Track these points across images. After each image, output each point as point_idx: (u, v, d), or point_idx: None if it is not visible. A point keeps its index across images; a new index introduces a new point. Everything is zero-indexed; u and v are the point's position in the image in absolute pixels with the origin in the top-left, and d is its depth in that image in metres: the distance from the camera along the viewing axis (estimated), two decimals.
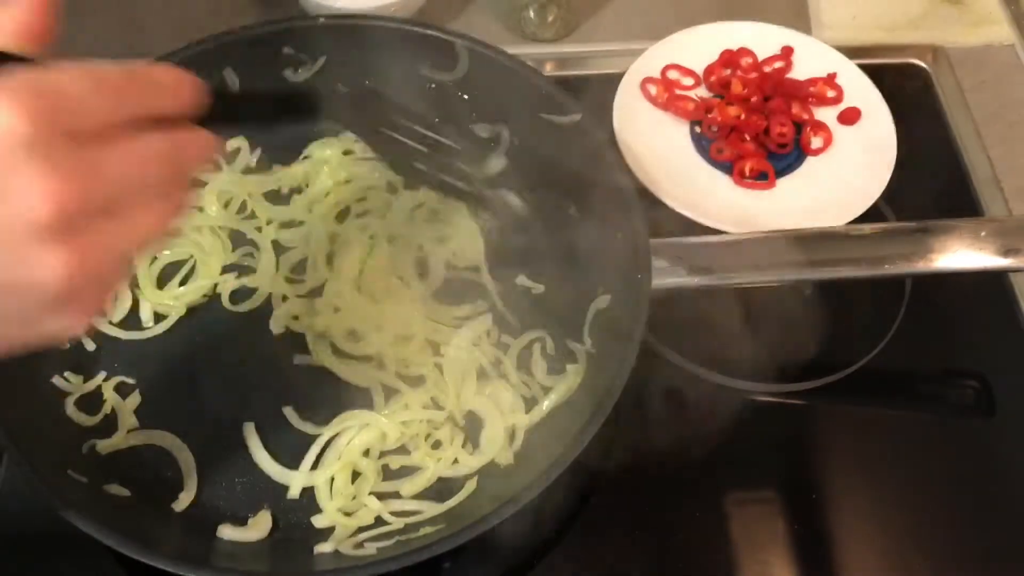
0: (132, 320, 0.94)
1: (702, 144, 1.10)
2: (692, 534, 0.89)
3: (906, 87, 1.21)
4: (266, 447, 0.87)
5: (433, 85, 1.04)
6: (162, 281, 0.96)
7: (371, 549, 0.80)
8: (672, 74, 1.13)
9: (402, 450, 0.88)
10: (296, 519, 0.84)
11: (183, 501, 0.84)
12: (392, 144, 0.88)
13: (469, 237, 0.99)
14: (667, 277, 0.87)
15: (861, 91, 1.12)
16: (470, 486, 0.85)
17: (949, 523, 0.90)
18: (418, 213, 1.01)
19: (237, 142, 1.02)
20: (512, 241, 0.99)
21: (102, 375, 0.90)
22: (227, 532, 0.82)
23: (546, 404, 0.89)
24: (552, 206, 1.00)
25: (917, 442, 0.95)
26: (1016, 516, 0.91)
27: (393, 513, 0.84)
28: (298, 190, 1.02)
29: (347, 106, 0.87)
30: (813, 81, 1.12)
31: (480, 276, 0.97)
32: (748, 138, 1.08)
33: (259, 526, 0.83)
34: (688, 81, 1.14)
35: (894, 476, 0.92)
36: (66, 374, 0.89)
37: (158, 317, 0.94)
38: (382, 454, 0.87)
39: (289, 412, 0.89)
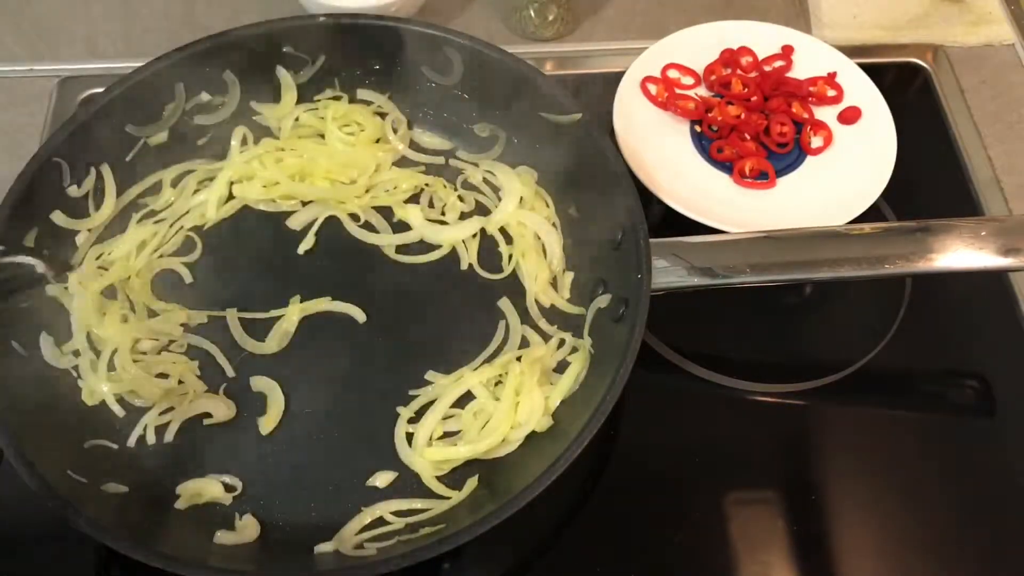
0: None
1: (702, 144, 1.10)
2: (692, 534, 0.89)
3: (906, 87, 1.21)
4: None
5: (433, 84, 1.04)
6: None
7: (371, 549, 0.80)
8: (672, 73, 1.13)
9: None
10: (296, 519, 0.85)
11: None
12: None
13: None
14: (667, 277, 0.87)
15: (861, 91, 1.12)
16: (471, 484, 0.85)
17: (949, 523, 0.90)
18: None
19: None
20: None
21: None
22: (222, 537, 0.83)
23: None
24: (552, 205, 1.00)
25: (917, 442, 0.95)
26: (1016, 515, 0.91)
27: (395, 513, 0.84)
28: None
29: None
30: (813, 80, 1.12)
31: None
32: (748, 137, 1.09)
33: (248, 530, 0.83)
34: (688, 80, 1.14)
35: (894, 476, 0.93)
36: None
37: None
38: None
39: None
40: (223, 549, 0.81)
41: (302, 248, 0.99)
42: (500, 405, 0.87)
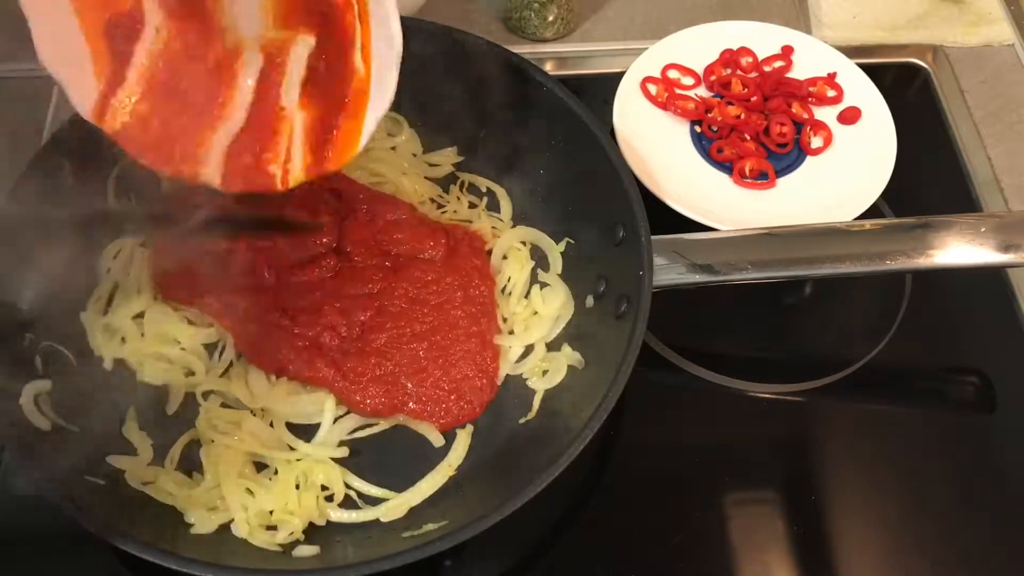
0: None
1: (702, 144, 1.10)
2: (692, 534, 0.88)
3: (906, 87, 1.21)
4: None
5: (432, 83, 1.03)
6: None
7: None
8: (672, 73, 1.13)
9: None
10: None
11: None
12: None
13: None
14: (668, 274, 0.87)
15: (861, 91, 1.12)
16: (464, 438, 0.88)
17: (949, 522, 0.90)
18: None
19: None
20: None
21: None
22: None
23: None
24: (553, 204, 1.00)
25: (918, 440, 0.95)
26: (1017, 514, 0.91)
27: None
28: None
29: None
30: (813, 81, 1.13)
31: None
32: (748, 138, 1.09)
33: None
34: (688, 80, 1.14)
35: (894, 475, 0.93)
36: None
37: None
38: None
39: None
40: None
41: None
42: None
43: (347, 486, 0.86)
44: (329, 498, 0.85)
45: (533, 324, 0.95)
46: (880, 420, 0.97)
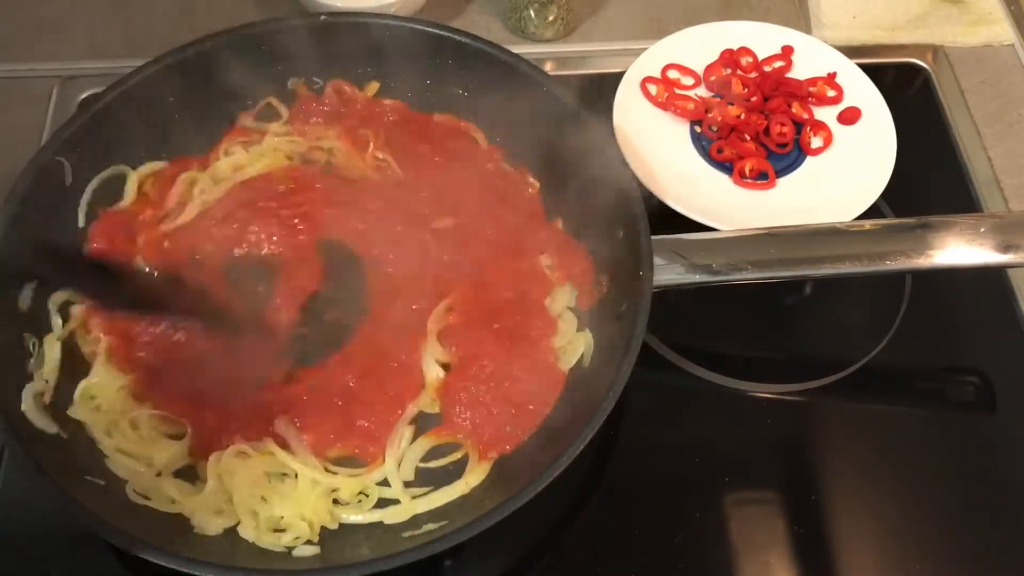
0: None
1: (702, 144, 1.10)
2: (692, 534, 0.88)
3: (906, 87, 1.21)
4: None
5: (430, 81, 1.04)
6: None
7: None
8: (672, 74, 1.13)
9: None
10: None
11: None
12: None
13: None
14: (667, 274, 0.87)
15: (861, 91, 1.12)
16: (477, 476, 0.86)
17: (949, 522, 0.90)
18: None
19: None
20: None
21: None
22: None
23: None
24: (553, 204, 1.00)
25: (918, 440, 0.95)
26: (1017, 514, 0.91)
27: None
28: None
29: None
30: (813, 81, 1.13)
31: None
32: (748, 138, 1.09)
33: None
34: (688, 81, 1.14)
35: (894, 475, 0.93)
36: None
37: None
38: None
39: None
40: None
41: None
42: None
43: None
44: (336, 501, 0.85)
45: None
46: (880, 420, 0.97)
